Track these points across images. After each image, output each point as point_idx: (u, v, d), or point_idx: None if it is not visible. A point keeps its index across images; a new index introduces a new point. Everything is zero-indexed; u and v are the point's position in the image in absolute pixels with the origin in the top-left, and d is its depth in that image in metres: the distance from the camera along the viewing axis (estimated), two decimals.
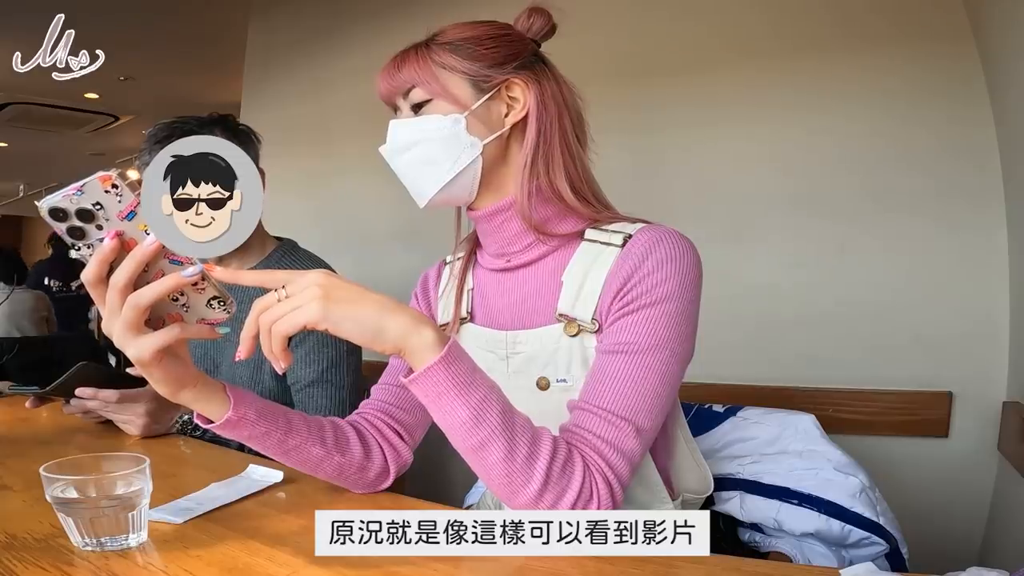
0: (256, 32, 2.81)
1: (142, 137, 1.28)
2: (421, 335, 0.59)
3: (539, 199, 0.78)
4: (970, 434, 1.39)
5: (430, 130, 0.76)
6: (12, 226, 9.94)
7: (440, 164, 0.76)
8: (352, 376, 1.24)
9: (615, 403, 0.68)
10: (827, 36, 1.52)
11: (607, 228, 0.78)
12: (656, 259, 0.71)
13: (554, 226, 0.78)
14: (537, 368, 0.77)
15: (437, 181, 0.77)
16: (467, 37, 0.78)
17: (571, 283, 0.76)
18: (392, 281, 2.28)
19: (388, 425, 0.83)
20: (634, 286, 0.71)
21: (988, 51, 1.34)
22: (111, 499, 0.61)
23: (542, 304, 0.78)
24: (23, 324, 3.71)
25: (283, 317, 0.57)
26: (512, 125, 0.78)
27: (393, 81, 0.79)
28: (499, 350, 0.80)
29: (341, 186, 2.48)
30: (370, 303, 0.59)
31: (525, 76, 0.78)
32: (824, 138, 1.52)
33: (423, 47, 0.79)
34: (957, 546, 1.40)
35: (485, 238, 0.84)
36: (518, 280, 0.81)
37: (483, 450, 0.61)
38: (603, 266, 0.75)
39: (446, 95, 0.76)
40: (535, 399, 0.76)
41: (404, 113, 0.79)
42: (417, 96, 0.77)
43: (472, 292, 0.86)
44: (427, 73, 0.76)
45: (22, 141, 5.37)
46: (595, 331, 0.74)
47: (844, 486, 1.00)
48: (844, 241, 1.50)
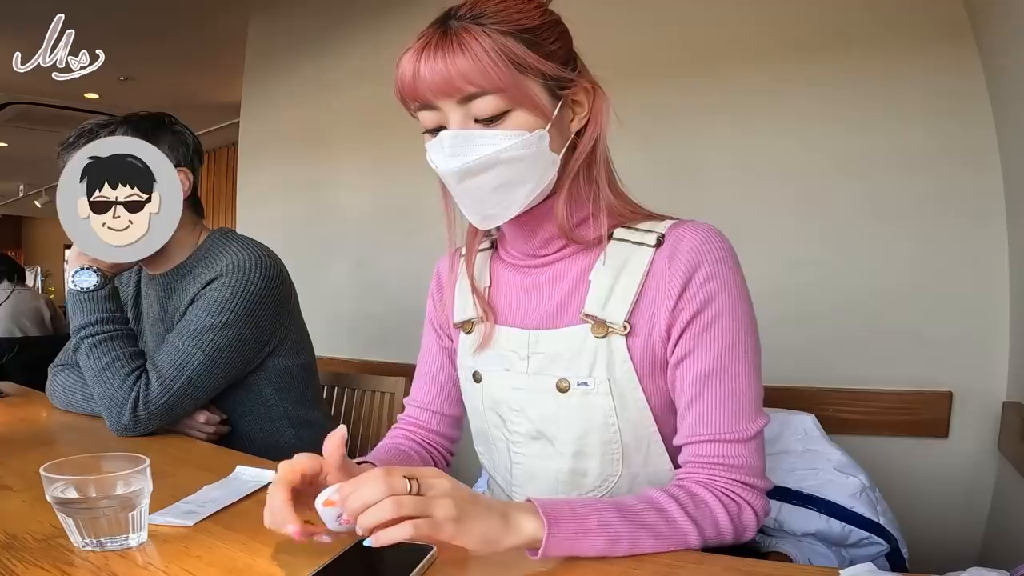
0: (256, 32, 2.81)
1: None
2: (521, 532, 0.57)
3: (577, 204, 0.74)
4: (970, 434, 1.39)
5: (518, 148, 0.65)
6: (12, 226, 9.94)
7: (524, 186, 0.68)
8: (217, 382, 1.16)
9: (713, 425, 0.68)
10: (827, 37, 1.52)
11: (637, 227, 0.74)
12: (709, 265, 0.69)
13: (585, 229, 0.74)
14: (558, 369, 0.74)
15: (519, 205, 0.69)
16: (532, 26, 0.65)
17: (600, 284, 0.72)
18: (391, 282, 2.28)
19: (443, 445, 0.92)
20: (694, 295, 0.69)
21: (988, 51, 1.34)
22: (111, 499, 0.61)
23: (568, 304, 0.75)
24: (24, 324, 3.71)
25: (414, 522, 0.53)
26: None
27: (451, 72, 0.63)
28: (521, 349, 0.77)
29: (340, 186, 2.48)
30: (495, 518, 0.56)
31: (588, 78, 0.71)
32: (824, 138, 1.52)
33: (484, 33, 0.63)
34: (957, 546, 1.40)
35: (512, 240, 0.79)
36: (543, 278, 0.77)
37: (636, 549, 0.61)
38: (637, 268, 0.71)
39: (531, 106, 0.65)
40: (554, 401, 0.74)
41: (454, 117, 0.66)
42: (492, 107, 0.64)
43: (489, 290, 0.82)
44: (507, 76, 0.63)
45: (22, 141, 5.37)
46: (626, 334, 0.70)
47: (844, 486, 1.00)
48: (844, 241, 1.50)
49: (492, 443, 0.82)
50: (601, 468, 0.74)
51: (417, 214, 2.14)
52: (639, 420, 0.72)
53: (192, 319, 1.11)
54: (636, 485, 0.74)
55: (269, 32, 2.74)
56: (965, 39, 1.38)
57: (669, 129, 1.70)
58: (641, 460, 0.74)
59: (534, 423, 0.76)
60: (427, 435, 0.91)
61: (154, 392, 1.07)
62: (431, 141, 0.69)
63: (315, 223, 2.52)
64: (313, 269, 2.44)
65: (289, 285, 1.23)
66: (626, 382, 0.71)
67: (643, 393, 0.71)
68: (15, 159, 6.16)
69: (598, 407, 0.72)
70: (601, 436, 0.73)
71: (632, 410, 0.72)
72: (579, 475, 0.75)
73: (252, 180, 2.84)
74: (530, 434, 0.77)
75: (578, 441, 0.74)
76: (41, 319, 3.84)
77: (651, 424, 0.73)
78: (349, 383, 1.57)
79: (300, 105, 2.60)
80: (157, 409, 1.07)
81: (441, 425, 0.91)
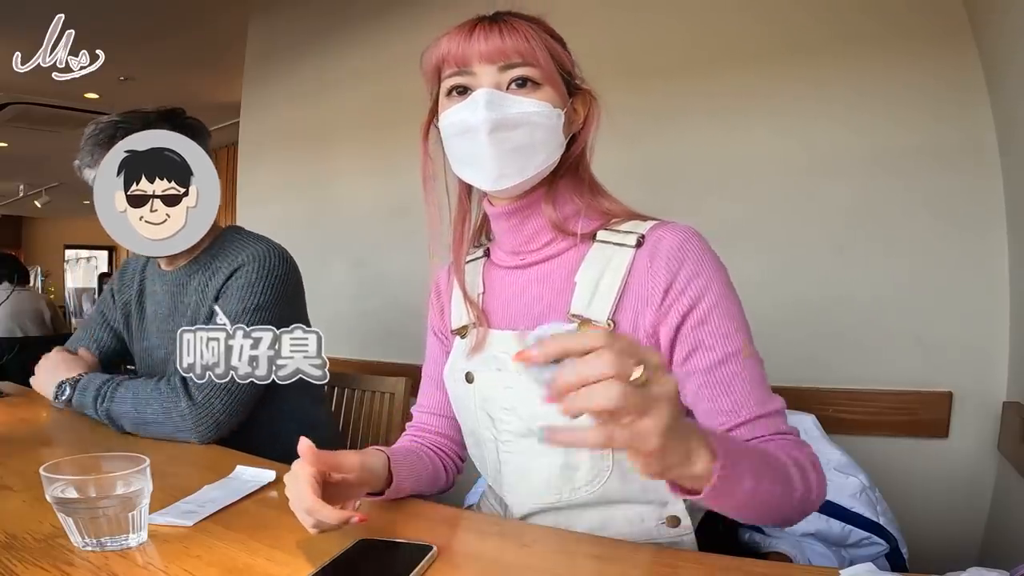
0: (256, 32, 2.81)
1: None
2: (692, 468, 0.53)
3: (566, 198, 0.79)
4: (970, 434, 1.39)
5: (543, 116, 0.73)
6: (12, 226, 9.94)
7: (539, 155, 0.75)
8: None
9: (751, 406, 0.70)
10: (827, 38, 1.52)
11: (619, 229, 0.78)
12: (692, 263, 0.72)
13: (573, 223, 0.79)
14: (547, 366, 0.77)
15: (530, 172, 0.75)
16: (556, 35, 0.77)
17: (585, 284, 0.76)
18: (391, 282, 2.28)
19: (452, 449, 0.93)
20: (681, 293, 0.72)
21: (988, 51, 1.34)
22: (111, 499, 0.61)
23: (555, 303, 0.78)
24: (25, 324, 3.72)
25: (614, 433, 0.46)
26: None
27: (505, 45, 0.73)
28: (512, 350, 0.79)
29: (340, 187, 2.48)
30: (682, 444, 0.51)
31: (588, 88, 0.79)
32: (823, 138, 1.52)
33: (533, 24, 0.75)
34: (957, 546, 1.40)
35: (502, 235, 0.83)
36: (531, 278, 0.81)
37: (764, 497, 0.61)
38: (618, 267, 0.75)
39: (556, 87, 0.75)
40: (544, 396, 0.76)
41: (489, 80, 0.73)
42: (525, 75, 0.73)
43: (483, 296, 0.86)
44: (546, 57, 0.73)
45: (22, 141, 5.37)
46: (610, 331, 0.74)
47: (844, 486, 1.00)
48: (844, 242, 1.50)
49: (483, 444, 0.84)
50: (592, 463, 0.75)
51: (418, 214, 2.11)
52: None
53: (224, 311, 1.12)
54: (628, 478, 0.76)
55: (269, 32, 2.74)
56: (965, 39, 1.38)
57: (666, 130, 1.70)
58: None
59: (525, 420, 0.77)
60: (438, 439, 0.92)
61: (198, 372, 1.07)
62: (458, 104, 0.74)
63: (315, 223, 2.52)
64: (313, 269, 2.43)
65: (300, 279, 1.25)
66: None
67: None
68: (15, 159, 6.16)
69: None
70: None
71: None
72: (571, 469, 0.76)
73: (252, 180, 2.84)
74: (520, 432, 0.78)
75: None
76: (42, 319, 3.84)
77: None
78: (349, 383, 1.57)
79: (300, 105, 2.60)
80: (211, 389, 1.05)
81: (450, 428, 0.92)
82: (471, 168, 0.77)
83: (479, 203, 0.86)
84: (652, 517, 0.77)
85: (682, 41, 1.69)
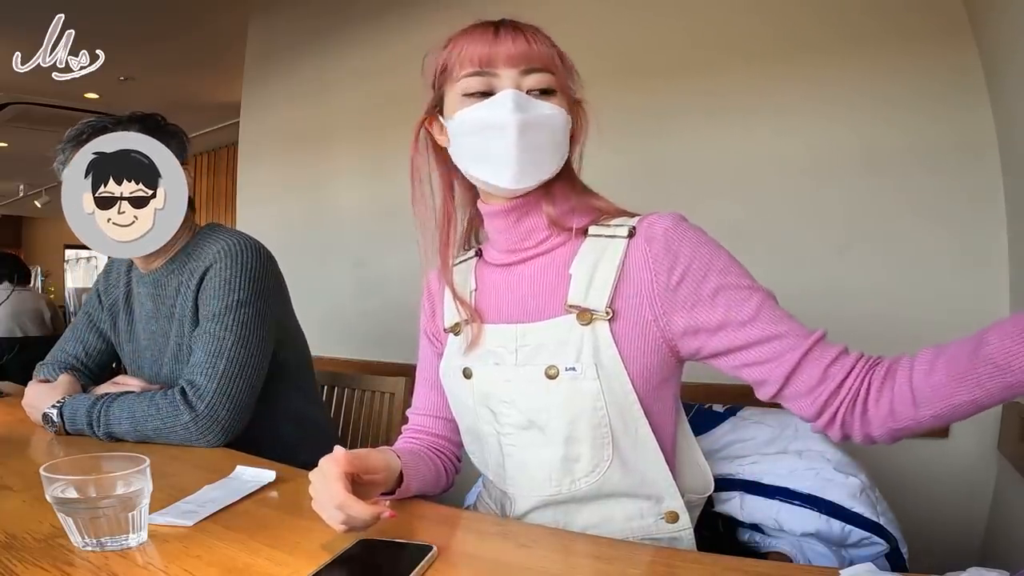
0: (256, 32, 2.81)
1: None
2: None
3: (562, 196, 0.82)
4: (970, 434, 1.39)
5: (559, 120, 0.77)
6: (12, 226, 9.94)
7: (553, 157, 0.78)
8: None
9: (797, 332, 0.76)
10: (827, 37, 1.52)
11: (610, 224, 0.81)
12: (690, 244, 0.76)
13: (568, 219, 0.81)
14: (545, 357, 0.77)
15: (549, 170, 0.78)
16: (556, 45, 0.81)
17: (580, 275, 0.78)
18: (390, 282, 2.28)
19: (450, 450, 0.94)
20: (686, 272, 0.75)
21: (988, 51, 1.34)
22: (111, 499, 0.61)
23: (551, 297, 0.79)
24: (25, 324, 3.72)
25: None
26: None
27: (532, 50, 0.76)
28: (508, 344, 0.81)
29: (340, 186, 2.48)
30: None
31: (580, 102, 0.82)
32: (824, 139, 1.52)
33: (545, 35, 0.79)
34: (957, 546, 1.40)
35: (496, 234, 0.84)
36: (525, 274, 0.82)
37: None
38: (613, 257, 0.77)
39: (566, 95, 0.79)
40: (544, 389, 0.77)
41: (510, 82, 0.76)
42: (546, 82, 0.77)
43: (476, 293, 0.86)
44: (560, 65, 0.78)
45: (22, 141, 5.36)
46: (608, 319, 0.75)
47: (844, 486, 1.00)
48: (844, 242, 1.50)
49: (483, 439, 0.84)
50: (592, 453, 0.76)
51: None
52: (626, 404, 0.75)
53: (207, 311, 1.11)
54: (628, 470, 0.77)
55: (269, 32, 2.74)
56: (965, 39, 1.38)
57: (666, 130, 1.70)
58: (630, 444, 0.76)
59: (524, 413, 0.78)
60: (434, 440, 0.93)
61: (199, 381, 1.06)
62: (479, 103, 0.76)
63: (315, 223, 2.52)
64: (312, 269, 2.44)
65: (279, 272, 1.24)
66: (612, 366, 0.74)
67: (628, 377, 0.74)
68: (15, 159, 6.16)
69: (586, 392, 0.74)
70: (590, 421, 0.75)
71: (619, 394, 0.75)
72: (571, 461, 0.77)
73: (252, 180, 2.84)
74: (521, 424, 0.79)
75: (568, 427, 0.76)
76: (41, 319, 3.85)
77: (638, 408, 0.75)
78: (349, 383, 1.57)
79: (300, 105, 2.60)
80: (212, 397, 1.05)
81: (446, 430, 0.93)
82: (488, 166, 0.77)
83: (464, 205, 0.88)
84: (650, 513, 0.77)
85: (682, 41, 1.69)
